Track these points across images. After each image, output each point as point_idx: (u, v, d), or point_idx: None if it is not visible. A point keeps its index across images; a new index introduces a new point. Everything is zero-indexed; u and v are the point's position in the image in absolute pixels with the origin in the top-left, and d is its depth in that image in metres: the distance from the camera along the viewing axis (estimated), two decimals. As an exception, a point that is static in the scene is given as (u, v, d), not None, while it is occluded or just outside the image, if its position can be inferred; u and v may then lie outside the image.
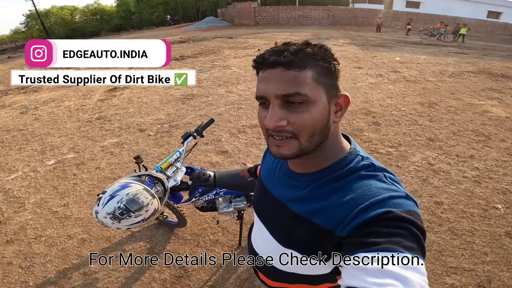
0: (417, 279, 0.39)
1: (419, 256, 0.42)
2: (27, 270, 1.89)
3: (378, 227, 0.46)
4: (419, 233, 0.45)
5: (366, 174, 0.56)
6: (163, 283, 1.78)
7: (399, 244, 0.43)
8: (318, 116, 0.52)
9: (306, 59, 0.50)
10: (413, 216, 0.47)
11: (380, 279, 0.39)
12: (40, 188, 2.74)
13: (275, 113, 0.51)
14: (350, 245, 0.48)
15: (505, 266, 1.83)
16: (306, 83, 0.49)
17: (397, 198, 0.50)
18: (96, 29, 30.99)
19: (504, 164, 2.92)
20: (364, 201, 0.51)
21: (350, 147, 0.63)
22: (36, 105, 5.16)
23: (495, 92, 5.16)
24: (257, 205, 0.79)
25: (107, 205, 1.10)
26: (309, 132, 0.52)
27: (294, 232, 0.62)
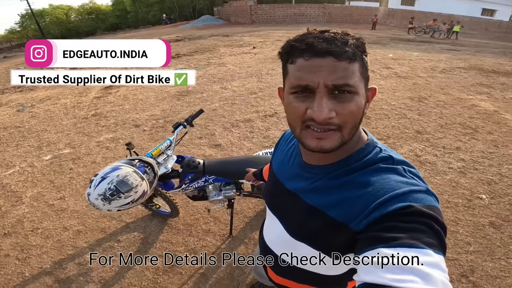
0: (439, 275, 0.38)
1: (440, 252, 0.41)
2: (24, 262, 1.95)
3: (398, 222, 0.45)
4: (440, 229, 0.44)
5: (385, 167, 0.54)
6: (156, 271, 1.84)
7: (420, 240, 0.41)
8: (361, 107, 0.51)
9: (355, 50, 0.49)
10: (434, 211, 0.46)
11: (400, 275, 0.38)
12: (37, 182, 2.80)
13: (325, 103, 0.48)
14: (368, 240, 0.47)
15: (488, 256, 1.86)
16: (355, 75, 0.48)
17: (417, 192, 0.48)
18: (92, 29, 30.83)
19: (490, 155, 2.99)
20: (383, 194, 0.49)
21: (368, 138, 0.61)
22: (33, 103, 5.20)
23: (484, 87, 5.25)
24: (270, 198, 0.77)
25: (98, 187, 1.16)
26: (352, 124, 0.51)
27: (307, 224, 0.61)
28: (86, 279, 1.81)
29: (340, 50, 0.47)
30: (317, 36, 0.48)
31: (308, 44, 0.48)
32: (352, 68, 0.48)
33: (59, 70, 2.22)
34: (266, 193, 0.80)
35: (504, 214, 2.19)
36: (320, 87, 0.48)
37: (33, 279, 1.83)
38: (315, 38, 0.48)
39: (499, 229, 2.06)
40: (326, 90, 0.48)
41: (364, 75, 0.51)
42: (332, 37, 0.48)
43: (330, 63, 0.47)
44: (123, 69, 2.23)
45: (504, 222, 2.12)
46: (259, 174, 1.21)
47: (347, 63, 0.47)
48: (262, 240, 0.85)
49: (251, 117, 4.01)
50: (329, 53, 0.47)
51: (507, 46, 12.10)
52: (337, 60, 0.47)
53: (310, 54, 0.48)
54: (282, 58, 0.54)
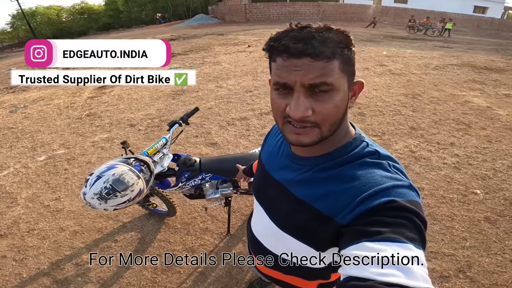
0: (419, 270, 0.39)
1: (420, 247, 0.43)
2: (21, 263, 1.93)
3: (382, 216, 0.46)
4: (421, 224, 0.45)
5: (371, 161, 0.55)
6: (154, 270, 1.83)
7: (402, 234, 0.43)
8: (341, 104, 0.51)
9: (333, 48, 0.48)
10: (415, 206, 0.47)
11: (383, 269, 0.39)
12: (32, 183, 2.77)
13: (301, 102, 0.49)
14: (353, 234, 0.47)
15: (484, 251, 1.87)
16: (333, 73, 0.48)
17: (400, 187, 0.50)
18: (84, 29, 30.46)
19: (484, 150, 3.03)
20: (368, 189, 0.50)
21: (355, 132, 0.62)
22: (26, 103, 5.13)
23: (477, 84, 5.31)
24: (257, 189, 0.78)
25: (94, 186, 1.15)
26: (331, 121, 0.52)
27: (294, 216, 0.62)
28: (84, 280, 1.80)
29: (316, 50, 0.46)
30: (294, 35, 0.48)
31: (284, 46, 0.48)
32: (330, 66, 0.47)
33: (59, 70, 2.20)
34: (255, 185, 0.81)
35: (499, 209, 2.22)
36: (297, 86, 0.48)
37: (31, 280, 1.81)
38: (292, 39, 0.47)
39: (494, 224, 2.08)
40: (303, 89, 0.48)
41: (346, 70, 0.51)
42: (310, 36, 0.47)
43: (306, 63, 0.47)
44: (123, 69, 2.22)
45: (499, 217, 2.14)
46: (249, 170, 1.22)
47: (324, 62, 0.47)
48: (250, 231, 0.86)
49: (247, 115, 4.01)
50: (305, 54, 0.47)
51: (498, 43, 12.28)
52: (313, 60, 0.47)
53: (287, 55, 0.48)
54: (267, 54, 0.55)
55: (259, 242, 0.79)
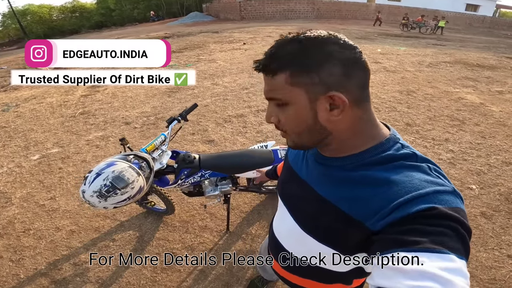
0: (460, 282, 0.36)
1: (463, 257, 0.39)
2: (18, 263, 1.90)
3: (421, 225, 0.42)
4: (465, 233, 0.42)
5: (408, 164, 0.51)
6: (154, 269, 1.81)
7: (443, 245, 0.39)
8: (299, 117, 0.51)
9: (277, 63, 0.48)
10: (460, 214, 0.43)
11: (418, 281, 0.36)
12: (26, 182, 2.71)
13: (268, 111, 0.56)
14: (386, 242, 0.44)
15: (482, 246, 1.88)
16: (279, 87, 0.50)
17: (443, 193, 0.45)
18: (76, 27, 29.86)
19: (478, 146, 3.07)
20: (405, 193, 0.46)
21: (390, 133, 0.57)
22: (17, 102, 5.02)
23: (470, 81, 5.39)
24: (283, 189, 0.76)
25: (93, 183, 1.13)
26: (294, 131, 0.54)
27: (319, 218, 0.59)
28: (83, 279, 1.77)
29: (263, 66, 0.51)
30: (269, 49, 0.51)
31: (258, 60, 0.53)
32: (274, 82, 0.50)
33: (59, 70, 2.18)
34: (279, 184, 0.79)
35: (495, 204, 2.25)
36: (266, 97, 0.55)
37: (28, 281, 1.78)
38: (264, 55, 0.52)
39: (490, 219, 2.10)
40: (268, 100, 0.55)
41: (301, 82, 0.48)
42: (270, 51, 0.51)
43: (264, 77, 0.52)
44: (123, 69, 2.22)
45: (495, 212, 2.17)
46: (273, 173, 1.22)
47: (270, 77, 0.51)
48: (272, 232, 0.84)
49: (244, 112, 4.00)
50: (261, 69, 0.52)
51: (490, 41, 12.47)
52: (266, 75, 0.51)
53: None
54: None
55: (281, 244, 0.77)
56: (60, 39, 10.84)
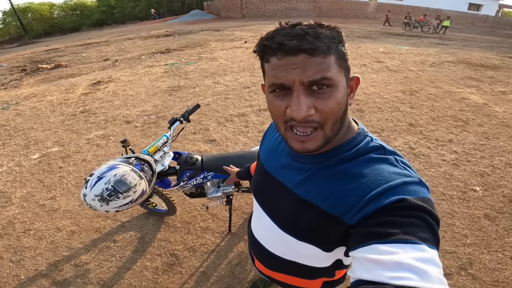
0: (434, 271, 0.37)
1: (434, 247, 0.41)
2: (18, 264, 1.88)
3: (392, 216, 0.44)
4: (433, 223, 0.43)
5: (377, 157, 0.53)
6: (155, 271, 1.80)
7: (415, 235, 0.41)
8: (342, 101, 0.49)
9: (329, 43, 0.46)
10: (427, 204, 0.45)
11: (396, 272, 0.37)
12: (26, 182, 2.69)
13: (303, 101, 0.46)
14: (363, 235, 0.45)
15: (485, 248, 1.87)
16: (331, 68, 0.46)
17: (410, 184, 0.47)
18: (77, 25, 29.79)
19: (482, 147, 3.04)
20: (376, 186, 0.48)
21: (358, 127, 0.60)
22: (18, 100, 4.99)
23: (473, 81, 5.35)
24: (258, 190, 0.75)
25: (94, 187, 1.10)
26: (334, 119, 0.49)
27: (298, 218, 0.59)
28: (84, 281, 1.75)
29: (312, 46, 0.44)
30: (287, 32, 0.46)
31: (278, 43, 0.46)
32: (327, 61, 0.46)
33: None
34: (254, 185, 0.77)
35: (498, 206, 2.22)
36: (296, 85, 0.46)
37: (29, 282, 1.76)
38: (285, 36, 0.46)
39: (494, 221, 2.08)
40: (303, 87, 0.46)
41: (342, 65, 0.49)
42: (303, 32, 0.45)
43: (303, 60, 0.45)
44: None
45: (499, 214, 2.15)
46: (245, 173, 1.15)
47: (321, 57, 0.45)
48: (251, 233, 0.83)
49: (245, 111, 3.97)
50: (301, 51, 0.45)
51: (493, 40, 12.39)
52: (310, 57, 0.45)
53: (282, 53, 0.46)
54: (258, 56, 0.52)
55: (261, 244, 0.76)
56: (60, 36, 10.88)
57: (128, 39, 11.69)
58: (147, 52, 8.30)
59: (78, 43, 12.23)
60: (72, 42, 13.17)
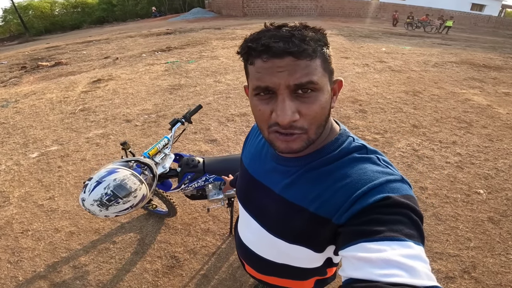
0: (422, 267, 0.38)
1: (420, 243, 0.42)
2: (16, 265, 1.85)
3: (378, 214, 0.45)
4: (417, 219, 0.44)
5: (360, 156, 0.54)
6: (155, 273, 1.77)
7: (400, 232, 0.41)
8: (326, 105, 0.49)
9: (315, 46, 0.46)
10: (410, 200, 0.46)
11: (386, 269, 0.38)
12: (24, 181, 2.66)
13: (288, 106, 0.46)
14: (351, 234, 0.46)
15: (488, 252, 1.86)
16: (317, 72, 0.46)
17: (393, 182, 0.49)
18: (77, 22, 29.66)
19: (485, 150, 3.02)
20: (361, 186, 0.49)
21: (340, 128, 0.60)
22: (17, 98, 4.96)
23: (476, 82, 5.31)
24: (243, 195, 0.74)
25: (93, 192, 1.06)
26: (317, 123, 0.49)
27: (287, 221, 0.59)
28: (83, 283, 1.72)
29: (298, 49, 0.43)
30: (273, 34, 0.45)
31: (264, 45, 0.44)
32: (313, 65, 0.45)
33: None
34: (239, 190, 0.76)
35: (502, 209, 2.21)
36: (282, 89, 0.45)
37: (27, 284, 1.73)
38: (271, 38, 0.44)
39: (497, 225, 2.07)
40: (288, 91, 0.45)
41: (327, 69, 0.49)
42: (289, 34, 0.44)
43: (289, 63, 0.44)
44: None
45: (502, 218, 2.13)
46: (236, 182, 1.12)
47: (307, 61, 0.44)
48: (239, 238, 0.82)
49: (247, 111, 3.93)
50: (287, 53, 0.44)
51: (495, 41, 12.32)
52: (296, 60, 0.44)
53: (267, 56, 0.45)
54: (242, 58, 0.51)
55: (250, 249, 0.75)
56: (61, 34, 10.85)
57: (129, 37, 11.63)
58: (147, 50, 8.26)
59: (78, 41, 12.17)
60: (73, 40, 13.11)
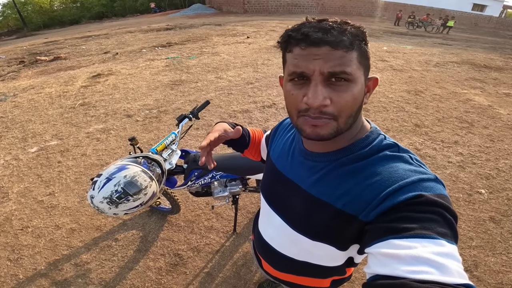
0: (454, 265, 0.37)
1: (453, 242, 0.40)
2: (16, 263, 1.82)
3: (410, 212, 0.44)
4: (451, 218, 0.43)
5: (391, 154, 0.53)
6: (159, 271, 1.75)
7: (432, 230, 0.40)
8: (358, 96, 0.50)
9: (353, 39, 0.47)
10: (444, 200, 0.45)
11: (414, 266, 0.37)
12: (24, 176, 2.62)
13: (320, 91, 0.47)
14: (379, 231, 0.45)
15: (490, 251, 1.87)
16: (352, 63, 0.47)
17: (427, 181, 0.47)
18: (77, 17, 29.31)
19: (487, 150, 3.02)
20: (392, 183, 0.48)
21: (371, 126, 0.60)
22: (15, 92, 4.89)
23: (477, 82, 5.31)
24: (268, 190, 0.74)
25: (103, 189, 1.03)
26: (348, 113, 0.49)
27: (313, 217, 0.58)
28: (85, 281, 1.70)
29: (336, 39, 0.46)
30: (313, 25, 0.47)
31: (304, 34, 0.47)
32: (349, 56, 0.46)
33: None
34: (264, 185, 0.76)
35: (503, 209, 2.22)
36: (316, 75, 0.47)
37: (28, 282, 1.70)
38: (311, 28, 0.47)
39: (498, 224, 2.08)
40: (321, 77, 0.47)
41: (363, 63, 0.50)
42: (329, 27, 0.46)
43: (326, 52, 0.46)
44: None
45: (503, 217, 2.14)
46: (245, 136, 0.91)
47: (343, 51, 0.46)
48: (258, 234, 0.81)
49: (249, 107, 3.90)
50: (324, 43, 0.46)
51: (496, 41, 12.36)
52: (333, 49, 0.46)
53: (306, 44, 0.47)
54: (281, 47, 0.53)
55: (270, 245, 0.74)
56: (59, 29, 10.73)
57: (129, 32, 11.51)
58: (148, 46, 8.17)
59: (77, 36, 12.03)
60: (72, 35, 12.95)
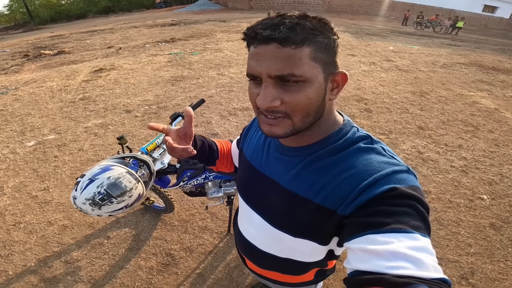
0: (429, 259, 0.38)
1: (426, 235, 0.41)
2: (6, 259, 1.80)
3: (385, 206, 0.44)
4: (424, 211, 0.44)
5: (365, 146, 0.53)
6: (150, 271, 1.72)
7: (407, 224, 0.41)
8: (314, 96, 0.47)
9: (303, 34, 0.44)
10: (417, 192, 0.46)
11: (393, 262, 0.38)
12: (19, 171, 2.60)
13: (268, 92, 0.47)
14: (356, 225, 0.46)
15: (488, 258, 1.84)
16: (303, 62, 0.44)
17: (400, 172, 0.48)
18: (83, 12, 29.37)
19: (491, 155, 2.95)
20: (367, 176, 0.48)
21: (344, 119, 0.60)
22: (17, 85, 4.89)
23: (485, 84, 5.21)
24: (244, 188, 0.72)
25: (85, 190, 0.99)
26: (303, 112, 0.48)
27: (293, 214, 0.58)
28: (74, 279, 1.67)
29: (283, 35, 0.43)
30: (266, 23, 0.46)
31: (254, 31, 0.46)
32: (298, 54, 0.44)
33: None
34: (240, 184, 0.74)
35: (504, 216, 2.17)
36: (264, 77, 0.46)
37: (17, 278, 1.68)
38: (263, 25, 0.46)
39: (499, 231, 2.04)
40: (271, 80, 0.46)
41: (320, 59, 0.47)
42: (279, 22, 0.45)
43: (273, 50, 0.44)
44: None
45: (504, 224, 2.10)
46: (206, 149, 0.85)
47: (291, 48, 0.44)
48: (239, 233, 0.80)
49: (249, 105, 3.84)
50: (272, 40, 0.44)
51: (506, 43, 12.12)
52: (280, 47, 0.44)
53: (257, 42, 0.46)
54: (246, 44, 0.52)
55: (252, 244, 0.73)
56: (66, 23, 10.77)
57: (134, 27, 11.49)
58: (151, 41, 8.14)
59: (83, 30, 12.04)
60: (77, 29, 12.97)
